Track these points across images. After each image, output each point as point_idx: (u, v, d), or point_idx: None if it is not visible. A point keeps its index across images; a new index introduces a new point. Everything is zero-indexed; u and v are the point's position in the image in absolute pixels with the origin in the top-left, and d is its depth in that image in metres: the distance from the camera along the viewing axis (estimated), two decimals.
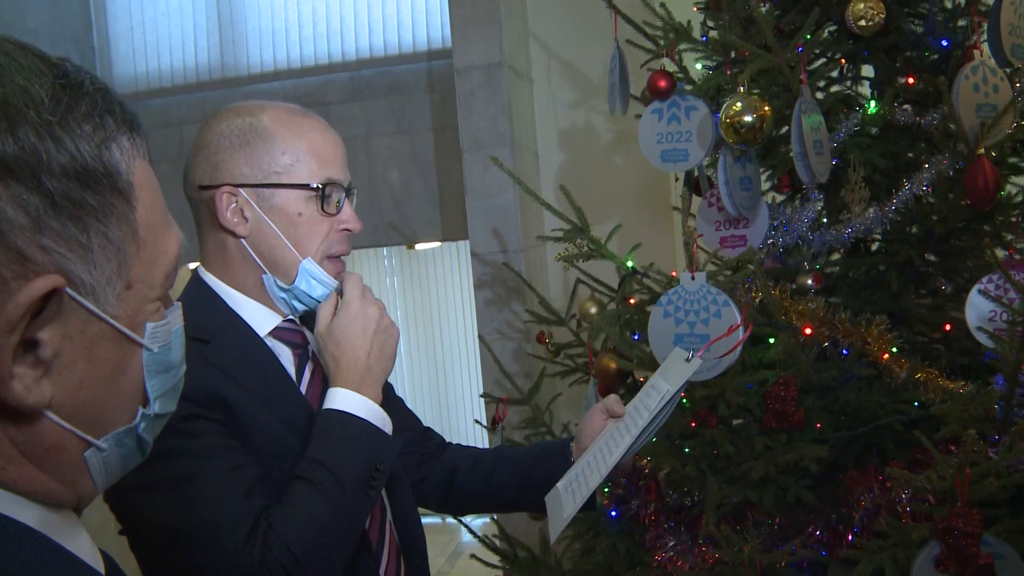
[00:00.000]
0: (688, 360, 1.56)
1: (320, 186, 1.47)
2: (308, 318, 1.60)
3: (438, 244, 5.83)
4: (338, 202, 1.51)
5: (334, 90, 4.50)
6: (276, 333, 1.53)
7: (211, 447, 1.35)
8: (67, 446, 0.74)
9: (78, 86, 0.73)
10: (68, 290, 0.69)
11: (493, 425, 2.82)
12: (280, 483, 1.38)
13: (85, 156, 0.70)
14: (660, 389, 1.56)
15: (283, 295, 1.51)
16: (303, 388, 1.53)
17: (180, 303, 0.86)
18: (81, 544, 0.78)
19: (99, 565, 0.80)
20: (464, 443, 1.96)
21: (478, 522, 2.86)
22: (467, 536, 3.01)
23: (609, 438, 1.63)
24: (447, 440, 1.93)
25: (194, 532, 1.31)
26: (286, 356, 1.53)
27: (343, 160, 1.53)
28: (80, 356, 0.72)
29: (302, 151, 1.47)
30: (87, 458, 0.76)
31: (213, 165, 1.46)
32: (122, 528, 1.44)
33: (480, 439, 6.27)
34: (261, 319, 1.51)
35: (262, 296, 1.51)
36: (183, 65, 4.76)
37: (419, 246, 5.82)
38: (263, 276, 1.49)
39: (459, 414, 7.39)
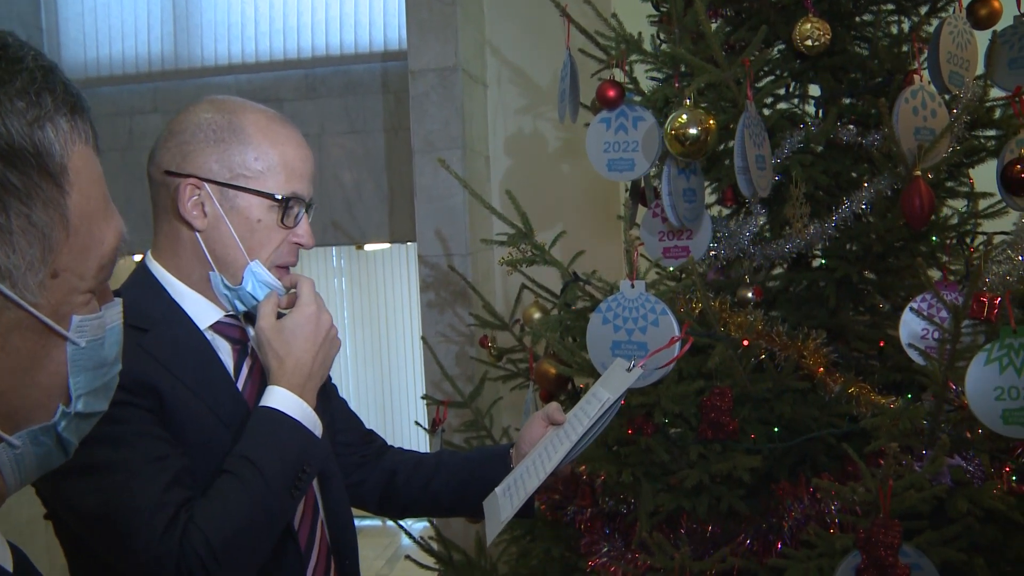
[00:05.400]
0: (629, 370, 1.58)
1: (284, 199, 1.48)
2: (250, 316, 1.59)
3: (387, 245, 5.82)
4: (297, 216, 1.52)
5: (288, 87, 4.47)
6: (217, 327, 1.53)
7: (136, 435, 1.35)
8: None
9: (16, 60, 0.70)
10: None
11: (433, 427, 2.82)
12: (206, 474, 1.38)
13: (12, 133, 0.67)
14: (600, 397, 1.58)
15: (227, 293, 1.50)
16: (240, 384, 1.53)
17: (121, 300, 0.82)
18: None
19: (7, 560, 0.77)
20: (406, 444, 1.97)
21: (417, 525, 2.85)
22: (406, 540, 3.00)
23: (549, 444, 1.64)
24: (389, 443, 1.94)
25: (112, 520, 1.30)
26: (225, 351, 1.53)
27: (311, 176, 1.54)
28: None
29: (274, 161, 1.48)
30: None
31: (183, 154, 1.46)
32: (47, 513, 1.43)
33: (421, 441, 6.27)
34: (203, 312, 1.51)
35: (206, 290, 1.51)
36: (135, 54, 4.70)
37: (368, 247, 5.81)
38: (210, 273, 1.49)
39: (402, 416, 7.38)
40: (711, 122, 2.04)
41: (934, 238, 2.38)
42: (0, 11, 4.53)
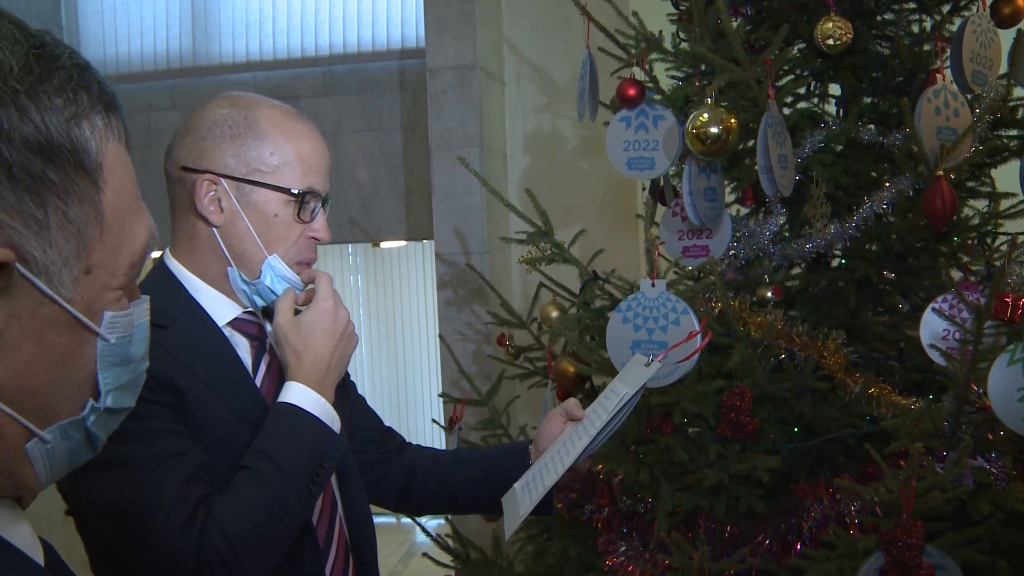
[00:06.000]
0: (647, 365, 1.57)
1: (300, 193, 1.49)
2: (268, 311, 1.60)
3: (403, 243, 5.82)
4: (313, 210, 1.52)
5: (306, 84, 4.48)
6: (235, 324, 1.53)
7: (155, 431, 1.35)
8: (6, 433, 0.71)
9: (54, 59, 0.70)
10: (18, 266, 0.66)
11: (450, 425, 2.82)
12: (225, 471, 1.39)
13: (51, 129, 0.67)
14: (619, 392, 1.58)
15: (245, 288, 1.51)
16: (258, 380, 1.53)
17: (148, 297, 0.83)
18: (20, 534, 0.75)
19: (39, 556, 0.77)
20: (422, 442, 1.97)
21: (433, 523, 2.87)
22: (421, 536, 3.02)
23: (567, 440, 1.64)
24: (406, 440, 1.94)
25: (132, 515, 1.31)
26: (243, 347, 1.54)
27: (326, 170, 1.55)
28: (27, 338, 0.69)
29: (290, 155, 1.48)
30: (29, 450, 0.72)
31: (200, 150, 1.47)
32: (68, 509, 1.44)
33: (437, 439, 6.27)
34: (221, 309, 1.51)
35: (224, 286, 1.52)
36: (153, 51, 4.71)
37: (384, 244, 5.82)
38: (228, 268, 1.50)
39: (418, 413, 7.37)
40: (732, 121, 2.04)
41: (955, 238, 2.37)
42: (21, 9, 4.54)
